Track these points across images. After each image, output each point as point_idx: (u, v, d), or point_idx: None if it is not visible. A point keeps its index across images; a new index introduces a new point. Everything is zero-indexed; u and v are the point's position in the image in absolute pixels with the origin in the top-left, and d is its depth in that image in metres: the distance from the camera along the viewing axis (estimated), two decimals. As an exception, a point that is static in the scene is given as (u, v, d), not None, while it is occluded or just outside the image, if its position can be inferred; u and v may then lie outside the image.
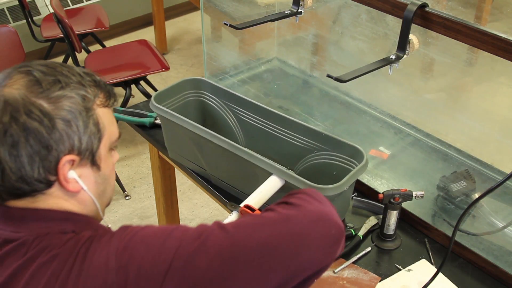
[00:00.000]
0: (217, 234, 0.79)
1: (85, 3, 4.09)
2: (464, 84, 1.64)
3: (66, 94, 0.81)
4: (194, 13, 4.71)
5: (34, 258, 0.79)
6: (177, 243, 0.78)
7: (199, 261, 0.76)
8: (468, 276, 1.34)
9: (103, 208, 0.94)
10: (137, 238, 0.79)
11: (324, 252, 0.82)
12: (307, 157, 1.49)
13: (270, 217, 0.84)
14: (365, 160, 1.33)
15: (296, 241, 0.81)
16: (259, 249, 0.79)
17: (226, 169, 1.51)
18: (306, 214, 0.85)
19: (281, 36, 2.13)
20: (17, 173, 0.80)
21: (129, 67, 3.10)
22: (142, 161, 3.11)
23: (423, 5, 1.24)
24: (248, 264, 0.77)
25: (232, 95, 1.63)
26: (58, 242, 0.80)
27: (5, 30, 2.79)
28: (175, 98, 1.66)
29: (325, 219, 0.85)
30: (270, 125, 1.55)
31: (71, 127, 0.81)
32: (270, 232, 0.81)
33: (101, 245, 0.79)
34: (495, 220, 1.39)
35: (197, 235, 0.79)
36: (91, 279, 0.76)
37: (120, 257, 0.77)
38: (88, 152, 0.84)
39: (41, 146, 0.79)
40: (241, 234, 0.80)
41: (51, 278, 0.77)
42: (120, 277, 0.75)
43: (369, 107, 1.79)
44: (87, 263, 0.77)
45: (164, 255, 0.77)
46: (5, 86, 0.80)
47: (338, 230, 0.85)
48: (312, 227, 0.83)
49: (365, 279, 1.33)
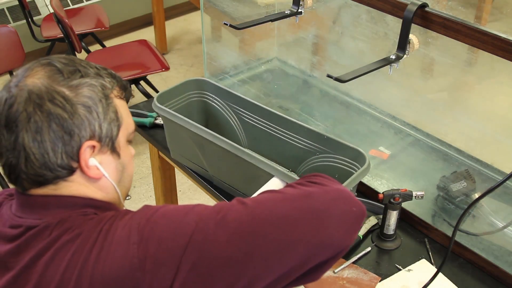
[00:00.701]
0: (237, 209, 0.79)
1: (85, 3, 4.09)
2: (464, 84, 1.64)
3: (87, 82, 0.84)
4: (194, 13, 4.71)
5: (58, 237, 0.80)
6: (198, 217, 0.78)
7: (219, 235, 0.76)
8: (468, 276, 1.34)
9: (124, 197, 0.95)
10: (159, 213, 0.80)
11: (345, 230, 0.82)
12: (310, 159, 1.49)
13: (291, 193, 0.83)
14: (367, 164, 1.33)
15: (317, 217, 0.80)
16: (279, 223, 0.78)
17: (227, 171, 1.51)
18: (327, 191, 0.84)
19: (281, 36, 2.12)
20: (41, 159, 0.81)
21: (129, 67, 3.10)
22: (142, 161, 3.11)
23: (423, 5, 1.24)
24: (268, 238, 0.77)
25: (235, 96, 1.62)
26: (81, 222, 0.82)
27: (5, 30, 2.79)
28: (178, 98, 1.66)
29: (346, 197, 0.85)
30: (272, 127, 1.55)
31: (91, 113, 0.83)
32: (291, 207, 0.80)
33: (124, 221, 0.80)
34: (495, 220, 1.39)
35: (217, 210, 0.80)
36: (112, 253, 0.77)
37: (142, 231, 0.77)
38: (108, 139, 0.87)
39: (63, 132, 0.81)
40: (261, 209, 0.80)
41: (74, 254, 0.78)
42: (140, 250, 0.76)
43: (369, 107, 1.79)
44: (109, 239, 0.78)
45: (184, 229, 0.77)
46: (27, 76, 0.83)
47: (359, 208, 0.85)
48: (334, 204, 0.82)
49: (365, 279, 1.33)
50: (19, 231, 0.84)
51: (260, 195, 0.85)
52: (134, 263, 0.75)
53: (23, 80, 0.83)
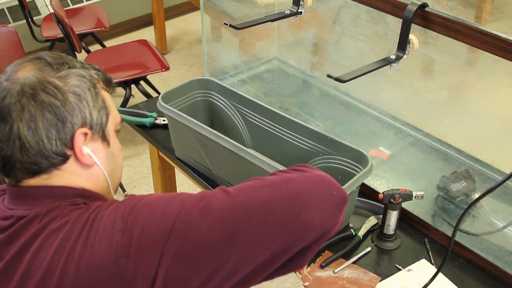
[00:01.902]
0: (219, 197, 0.81)
1: (85, 3, 4.09)
2: (464, 84, 1.64)
3: (75, 72, 0.88)
4: (194, 13, 4.71)
5: (46, 225, 0.82)
6: (180, 205, 0.80)
7: (201, 222, 0.78)
8: (468, 276, 1.34)
9: (114, 188, 0.97)
10: (143, 202, 0.82)
11: (326, 213, 0.82)
12: (313, 160, 1.49)
13: (271, 179, 0.85)
14: (369, 165, 1.33)
15: (297, 201, 0.81)
16: (259, 209, 0.79)
17: (230, 170, 1.51)
18: (307, 176, 0.85)
19: (281, 36, 2.13)
20: (36, 147, 0.84)
21: (129, 67, 3.10)
22: (142, 161, 3.11)
23: (423, 5, 1.24)
24: (249, 224, 0.78)
25: (240, 96, 1.63)
26: (69, 211, 0.84)
27: (5, 30, 2.79)
28: (182, 98, 1.66)
29: (327, 181, 0.86)
30: (276, 127, 1.55)
31: (81, 101, 0.87)
32: (271, 193, 0.82)
33: (109, 210, 0.82)
34: (495, 220, 1.39)
35: (200, 198, 0.81)
36: (98, 242, 0.78)
37: (126, 219, 0.79)
38: (99, 126, 0.90)
39: (57, 119, 0.84)
40: (242, 196, 0.81)
41: (61, 242, 0.80)
42: (124, 238, 0.77)
43: (369, 107, 1.79)
44: (95, 227, 0.80)
45: (167, 217, 0.78)
46: (17, 71, 0.86)
47: (340, 192, 0.85)
48: (313, 188, 0.83)
49: (365, 279, 1.33)
50: (10, 222, 0.85)
51: (243, 183, 0.86)
52: (119, 250, 0.77)
53: (13, 74, 0.85)
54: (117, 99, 3.13)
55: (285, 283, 2.36)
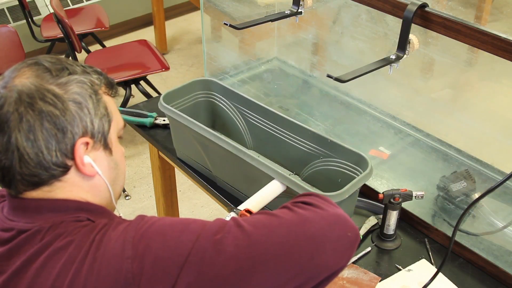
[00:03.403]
0: (235, 232, 0.79)
1: (85, 3, 4.09)
2: (464, 84, 1.64)
3: (75, 78, 0.84)
4: (194, 13, 4.71)
5: (50, 243, 0.80)
6: (194, 237, 0.78)
7: (216, 258, 0.76)
8: (468, 276, 1.34)
9: (116, 197, 0.95)
10: (154, 228, 0.80)
11: (340, 255, 0.82)
12: (313, 162, 1.49)
13: (288, 218, 0.84)
14: (369, 169, 1.33)
15: (313, 244, 0.80)
16: (275, 250, 0.79)
17: (230, 172, 1.51)
18: (323, 216, 0.85)
19: (281, 36, 2.13)
20: (35, 158, 0.81)
21: (129, 67, 3.10)
22: (142, 161, 3.11)
23: (423, 5, 1.24)
24: (264, 265, 0.77)
25: (241, 97, 1.63)
26: (73, 229, 0.81)
27: (5, 30, 2.80)
28: (184, 98, 1.66)
29: (342, 222, 0.85)
30: (277, 129, 1.55)
31: (82, 109, 0.83)
32: (287, 234, 0.81)
33: (117, 233, 0.79)
34: (495, 220, 1.39)
35: (215, 231, 0.79)
36: (105, 266, 0.76)
37: (137, 246, 0.77)
38: (100, 134, 0.86)
39: (56, 129, 0.81)
40: (258, 234, 0.80)
41: (66, 263, 0.77)
42: (135, 266, 0.76)
43: (369, 107, 1.79)
44: (102, 250, 0.78)
45: (181, 249, 0.77)
46: (15, 77, 0.82)
47: (354, 233, 0.85)
48: (329, 230, 0.83)
49: (365, 279, 1.33)
50: (10, 234, 0.83)
51: (257, 217, 0.85)
52: (128, 278, 0.75)
53: (11, 81, 0.82)
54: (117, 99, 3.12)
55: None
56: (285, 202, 0.93)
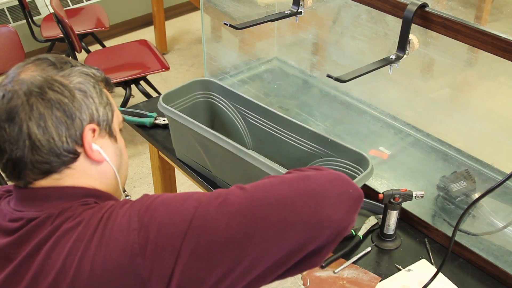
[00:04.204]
0: (236, 193, 0.81)
1: (85, 3, 4.09)
2: (464, 84, 1.64)
3: (78, 69, 0.89)
4: (194, 13, 4.71)
5: (59, 226, 0.82)
6: (197, 203, 0.80)
7: (218, 218, 0.77)
8: (468, 276, 1.34)
9: (123, 185, 0.98)
10: (159, 200, 0.81)
11: (342, 211, 0.82)
12: (314, 162, 1.49)
13: (288, 177, 0.85)
14: (370, 168, 1.33)
15: (315, 197, 0.81)
16: (277, 205, 0.79)
17: (230, 172, 1.51)
18: (324, 174, 0.86)
19: (281, 36, 2.13)
20: (47, 145, 0.83)
21: (129, 67, 3.10)
22: (142, 161, 3.11)
23: (423, 5, 1.24)
24: (267, 220, 0.78)
25: (241, 97, 1.63)
26: (82, 211, 0.83)
27: (5, 30, 2.79)
28: (184, 98, 1.66)
29: (343, 179, 0.86)
30: (277, 128, 1.55)
31: (87, 97, 0.87)
32: (289, 189, 0.82)
33: (123, 209, 0.81)
34: (495, 220, 1.39)
35: (216, 195, 0.81)
36: (114, 240, 0.78)
37: (142, 217, 0.79)
38: (105, 122, 0.90)
39: (65, 116, 0.84)
40: (260, 192, 0.81)
41: (75, 241, 0.79)
42: (141, 236, 0.77)
43: (369, 107, 1.79)
44: (109, 226, 0.79)
45: (183, 214, 0.78)
46: (21, 72, 0.86)
47: (356, 191, 0.86)
48: (330, 185, 0.83)
49: (365, 279, 1.33)
50: (20, 223, 0.85)
51: (259, 181, 0.86)
52: (135, 248, 0.76)
53: (17, 76, 0.85)
54: (117, 99, 3.13)
55: (285, 283, 2.36)
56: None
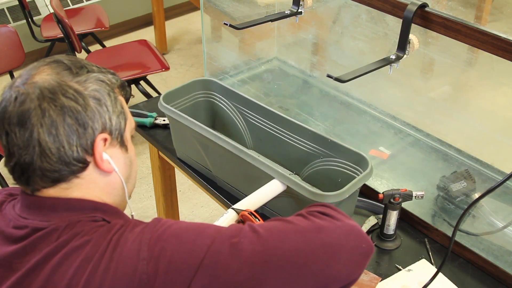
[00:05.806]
0: (250, 237, 0.80)
1: (85, 3, 4.09)
2: (464, 84, 1.64)
3: (94, 76, 0.86)
4: (194, 13, 4.71)
5: (66, 242, 0.80)
6: (210, 241, 0.79)
7: (230, 263, 0.77)
8: (468, 276, 1.34)
9: (129, 195, 0.96)
10: (171, 231, 0.80)
11: (354, 266, 0.83)
12: (314, 162, 1.49)
13: (303, 225, 0.84)
14: (369, 168, 1.33)
15: (328, 252, 0.81)
16: (290, 257, 0.79)
17: (230, 171, 1.51)
18: (338, 226, 0.85)
19: (281, 36, 2.13)
20: (57, 153, 0.81)
21: (129, 67, 3.10)
22: (142, 161, 3.11)
23: (423, 5, 1.24)
24: (279, 270, 0.78)
25: (241, 97, 1.63)
26: (90, 229, 0.82)
27: (5, 30, 2.79)
28: (184, 98, 1.66)
29: (357, 233, 0.86)
30: (277, 129, 1.55)
31: (101, 106, 0.85)
32: (303, 241, 0.81)
33: (134, 234, 0.80)
34: (495, 220, 1.39)
35: (230, 235, 0.80)
36: (122, 266, 0.77)
37: (152, 247, 0.78)
38: (118, 131, 0.88)
39: (78, 125, 0.82)
40: (274, 240, 0.80)
41: (83, 262, 0.78)
42: (150, 268, 0.76)
43: (369, 107, 1.79)
44: (118, 250, 0.78)
45: (196, 251, 0.77)
46: (35, 75, 0.83)
47: (369, 246, 0.86)
48: (345, 240, 0.83)
49: (365, 279, 1.33)
50: (24, 232, 0.83)
51: (272, 223, 0.85)
52: (143, 279, 0.76)
53: (30, 78, 0.83)
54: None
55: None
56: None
